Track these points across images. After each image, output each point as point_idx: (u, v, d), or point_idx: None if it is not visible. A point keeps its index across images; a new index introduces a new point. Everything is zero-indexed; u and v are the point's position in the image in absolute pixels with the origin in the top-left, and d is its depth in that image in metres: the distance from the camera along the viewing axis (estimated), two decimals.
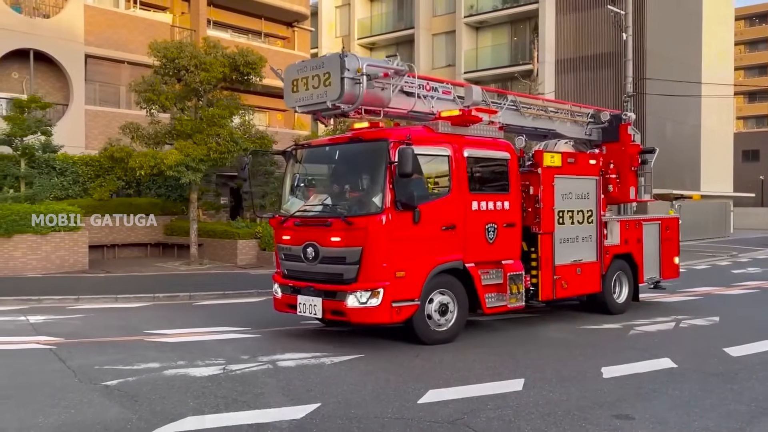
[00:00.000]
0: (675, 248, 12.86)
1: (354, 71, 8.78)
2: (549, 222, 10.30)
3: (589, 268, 11.00)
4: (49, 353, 8.59)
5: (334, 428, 5.64)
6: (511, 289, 9.64)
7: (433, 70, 42.89)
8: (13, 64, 24.46)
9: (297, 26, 36.59)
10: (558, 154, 10.67)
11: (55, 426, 5.67)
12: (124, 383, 7.08)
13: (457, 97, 10.32)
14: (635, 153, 12.29)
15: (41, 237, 17.31)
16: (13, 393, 6.79)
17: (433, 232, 8.85)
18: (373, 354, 8.49)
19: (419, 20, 44.23)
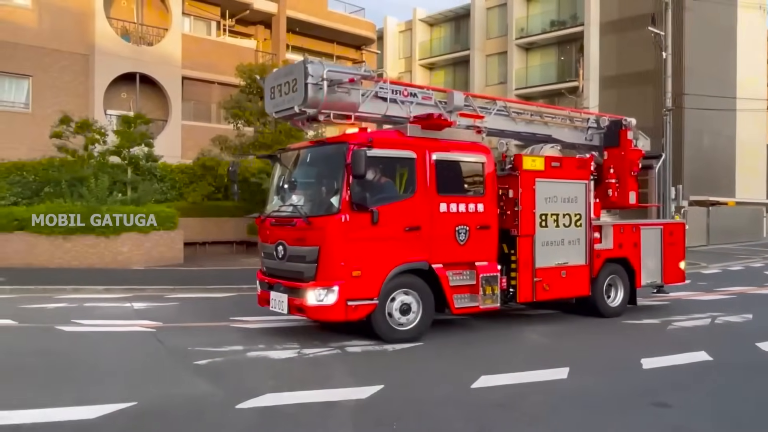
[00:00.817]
0: (680, 253, 11.62)
1: (318, 77, 8.26)
2: (528, 225, 9.46)
3: (577, 272, 10.02)
4: (150, 335, 8.83)
5: (395, 408, 5.61)
6: (484, 290, 8.84)
7: (487, 87, 42.53)
8: (123, 86, 25.41)
9: (365, 49, 36.85)
10: (540, 158, 9.80)
11: (153, 399, 5.81)
12: (212, 363, 7.21)
13: (439, 102, 9.59)
14: (635, 158, 11.27)
15: (144, 235, 17.86)
16: (119, 369, 7.01)
17: (395, 233, 8.21)
18: (430, 343, 8.41)
19: (474, 42, 43.91)
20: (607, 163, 11.23)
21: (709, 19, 35.92)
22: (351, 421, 5.28)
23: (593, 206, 10.31)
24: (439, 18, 47.86)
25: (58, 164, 19.01)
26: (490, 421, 5.34)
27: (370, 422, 5.26)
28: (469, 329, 9.47)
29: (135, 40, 26.00)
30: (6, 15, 22.45)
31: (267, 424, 5.25)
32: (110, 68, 24.58)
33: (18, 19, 22.77)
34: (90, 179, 18.14)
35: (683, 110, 31.49)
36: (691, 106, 31.76)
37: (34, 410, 5.36)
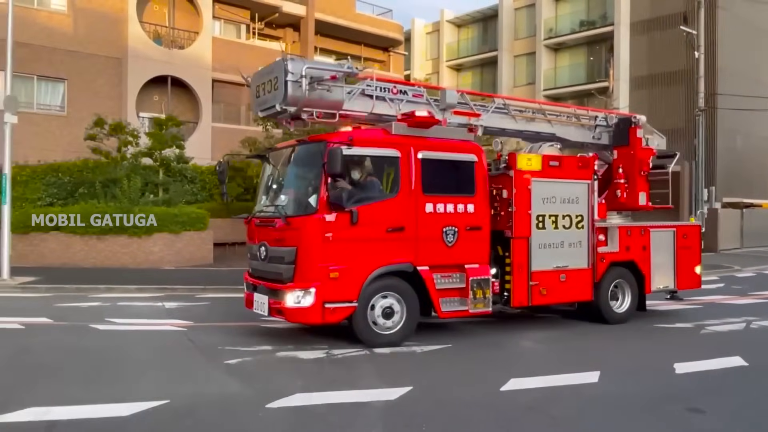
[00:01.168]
0: (695, 257, 10.81)
1: (298, 74, 8.02)
2: (524, 226, 8.94)
3: (578, 275, 9.43)
4: (181, 335, 8.95)
5: (424, 410, 5.59)
6: (474, 293, 8.40)
7: (515, 88, 42.24)
8: (155, 89, 25.79)
9: (392, 51, 36.86)
10: (537, 157, 9.23)
11: (185, 397, 5.89)
12: (242, 362, 7.28)
13: (431, 100, 9.22)
14: (645, 157, 10.57)
15: (175, 235, 18.12)
16: (151, 368, 7.12)
17: (376, 234, 7.86)
18: (459, 345, 8.39)
19: (502, 43, 43.63)
20: (616, 162, 10.72)
21: (743, 18, 35.21)
22: (381, 422, 5.27)
23: (597, 207, 9.79)
24: (466, 19, 47.64)
25: (92, 166, 19.39)
26: (520, 425, 5.30)
27: (399, 424, 5.25)
28: (497, 331, 9.41)
29: (167, 43, 26.39)
30: (43, 20, 22.96)
31: (297, 424, 5.28)
32: (143, 71, 24.98)
33: (54, 24, 23.28)
34: (123, 180, 18.47)
35: (716, 110, 30.88)
36: (724, 107, 31.13)
37: (70, 407, 5.48)
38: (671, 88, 35.04)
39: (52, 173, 19.23)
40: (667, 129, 34.22)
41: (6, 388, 6.15)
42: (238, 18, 29.94)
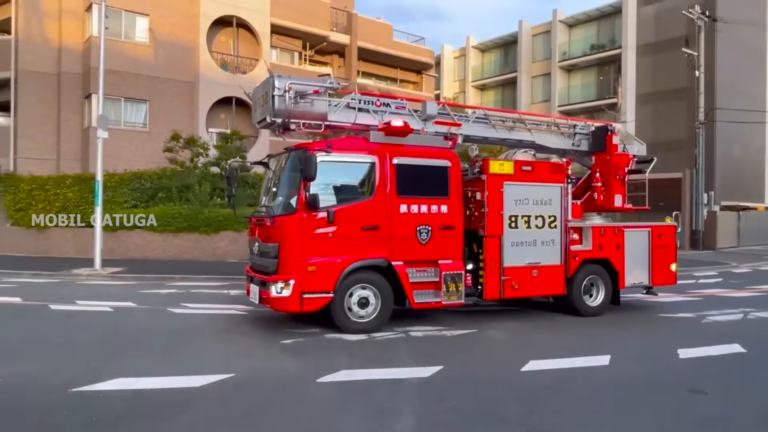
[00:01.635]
0: (671, 256, 10.19)
1: (283, 89, 7.97)
2: (495, 226, 8.66)
3: (550, 271, 9.07)
4: (244, 318, 9.05)
5: (454, 387, 5.55)
6: (447, 287, 8.20)
7: (532, 105, 41.68)
8: (221, 108, 26.22)
9: (424, 73, 36.73)
10: (509, 162, 8.93)
11: (247, 371, 5.94)
12: (296, 342, 7.34)
13: (413, 111, 8.94)
14: (621, 162, 10.07)
15: (238, 233, 18.33)
16: (219, 346, 7.22)
17: (352, 232, 7.75)
18: (483, 330, 8.30)
19: (521, 65, 43.12)
20: (594, 167, 10.32)
21: (738, 40, 34.00)
22: (416, 396, 5.24)
23: (571, 208, 9.37)
24: (489, 45, 47.22)
25: (169, 174, 19.77)
26: (539, 402, 5.20)
27: (432, 398, 5.21)
28: (516, 319, 9.27)
29: (231, 69, 26.79)
30: (129, 50, 23.56)
31: (343, 396, 5.28)
32: (211, 93, 25.43)
33: (138, 53, 23.87)
34: (195, 186, 18.81)
35: (715, 123, 29.90)
36: (722, 119, 30.14)
37: (151, 378, 5.60)
38: (674, 103, 34.07)
39: (136, 180, 19.66)
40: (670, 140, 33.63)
41: (100, 360, 6.32)
42: (291, 47, 30.25)
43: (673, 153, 32.85)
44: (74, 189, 18.98)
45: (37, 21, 23.30)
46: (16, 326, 8.19)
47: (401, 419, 4.66)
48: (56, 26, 23.53)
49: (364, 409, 4.90)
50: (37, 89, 23.14)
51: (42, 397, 5.10)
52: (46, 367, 6.05)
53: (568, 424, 4.67)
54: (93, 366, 6.07)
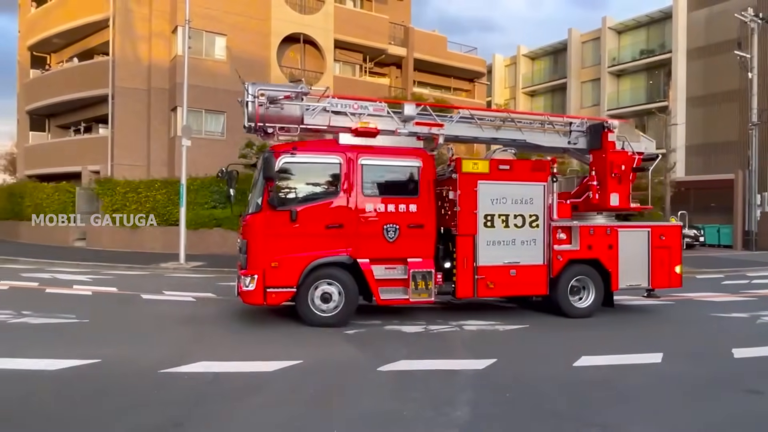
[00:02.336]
0: (675, 257, 9.02)
1: (254, 95, 7.82)
2: (468, 225, 8.10)
3: (531, 271, 8.35)
4: None
5: (507, 379, 5.42)
6: (416, 284, 7.77)
7: (582, 109, 40.36)
8: None
9: (476, 81, 36.28)
10: (484, 161, 8.34)
11: (314, 359, 5.99)
12: (358, 333, 7.36)
13: (392, 112, 8.40)
14: (616, 160, 9.04)
15: None
16: (289, 334, 7.34)
17: (315, 230, 7.52)
18: (535, 326, 8.08)
19: (571, 71, 41.83)
20: (591, 165, 9.39)
21: None
22: (471, 387, 5.15)
23: (558, 208, 8.58)
24: (539, 52, 46.08)
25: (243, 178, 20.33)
26: (591, 397, 5.00)
27: (486, 389, 5.11)
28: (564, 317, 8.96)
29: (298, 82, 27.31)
30: (209, 67, 24.44)
31: (402, 384, 5.25)
32: None
33: (217, 70, 24.72)
34: None
35: None
36: None
37: (228, 362, 5.76)
38: (725, 105, 32.17)
39: (215, 183, 20.36)
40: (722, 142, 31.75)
41: (183, 345, 6.58)
42: (353, 60, 30.53)
43: (725, 155, 30.98)
44: (162, 192, 19.85)
45: (130, 43, 24.55)
46: (113, 313, 8.63)
47: (457, 408, 4.59)
48: (146, 47, 24.71)
49: (421, 398, 4.86)
50: (131, 103, 24.39)
51: (135, 376, 5.34)
52: (138, 350, 6.34)
53: (620, 419, 4.46)
54: (178, 350, 6.32)
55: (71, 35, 27.26)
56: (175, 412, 4.44)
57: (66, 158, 26.51)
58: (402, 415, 4.49)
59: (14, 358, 5.73)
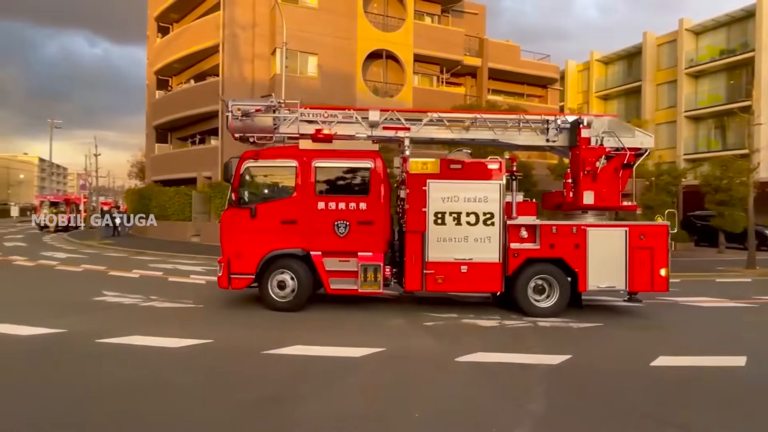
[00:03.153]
0: (660, 259, 7.88)
1: (230, 109, 8.35)
2: (416, 222, 7.91)
3: (484, 268, 7.89)
4: (393, 302, 9.21)
5: (582, 376, 5.17)
6: (365, 276, 7.87)
7: (657, 111, 37.68)
8: None
9: (550, 87, 34.91)
10: (433, 161, 8.02)
11: (396, 347, 6.06)
12: (435, 325, 7.32)
13: (361, 118, 8.51)
14: (589, 156, 8.23)
15: None
16: (372, 324, 7.44)
17: (272, 225, 7.94)
18: (610, 324, 7.63)
19: (646, 74, 39.12)
20: (570, 163, 8.70)
21: None
22: (546, 381, 4.97)
23: (518, 206, 8.06)
24: (612, 57, 43.50)
25: None
26: (669, 397, 4.64)
27: (560, 385, 4.90)
28: (644, 316, 8.40)
29: (381, 94, 27.64)
30: (303, 83, 25.34)
31: (479, 375, 5.17)
32: None
33: (309, 85, 25.58)
34: None
35: None
36: None
37: (321, 347, 5.94)
38: None
39: None
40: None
41: (284, 330, 6.87)
42: (430, 71, 30.42)
43: None
44: None
45: (236, 65, 26.00)
46: (224, 300, 9.16)
47: (533, 401, 4.44)
48: (250, 68, 26.05)
49: (497, 389, 4.76)
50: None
51: (241, 355, 5.65)
52: (244, 333, 6.71)
53: (700, 422, 4.12)
54: (278, 334, 6.60)
55: (188, 60, 29.32)
56: (275, 388, 4.65)
57: (184, 166, 28.57)
58: (480, 403, 4.42)
59: (144, 336, 6.26)
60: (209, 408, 4.20)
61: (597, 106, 43.45)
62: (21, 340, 6.17)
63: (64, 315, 7.51)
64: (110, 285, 10.33)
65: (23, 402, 4.26)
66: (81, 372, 5.06)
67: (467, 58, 30.31)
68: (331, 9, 26.07)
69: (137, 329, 6.59)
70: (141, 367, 5.24)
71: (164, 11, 30.73)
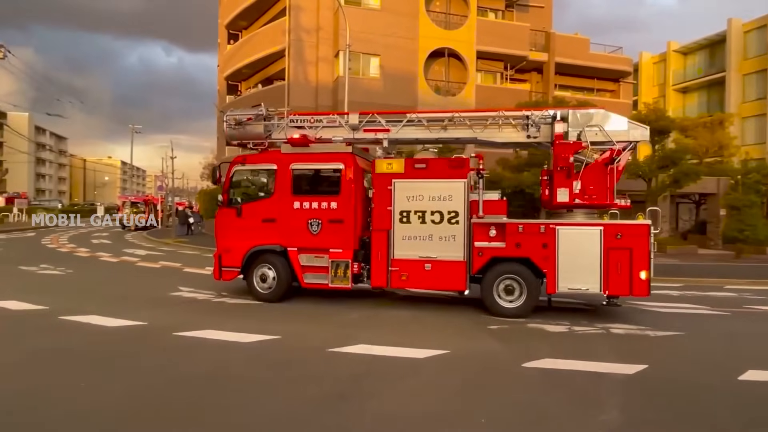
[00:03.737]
0: (639, 261, 7.30)
1: (225, 119, 9.21)
2: (382, 220, 8.17)
3: (448, 267, 7.89)
4: (455, 303, 9.02)
5: (660, 387, 4.86)
6: (336, 272, 8.32)
7: (743, 103, 34.91)
8: None
9: (622, 81, 33.23)
10: (398, 161, 8.22)
11: (460, 349, 6.00)
12: (500, 329, 7.16)
13: (344, 122, 8.83)
14: (561, 152, 7.85)
15: None
16: (437, 325, 7.38)
17: (254, 223, 8.76)
18: (693, 333, 7.14)
19: (730, 64, 36.35)
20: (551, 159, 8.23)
21: None
22: (620, 391, 4.74)
23: (485, 204, 7.90)
24: (692, 47, 40.73)
25: None
26: (759, 414, 4.29)
27: (637, 396, 4.65)
28: (731, 324, 7.80)
29: (443, 93, 27.47)
30: (365, 84, 25.68)
31: (547, 382, 5.03)
32: None
33: (372, 86, 25.88)
34: None
35: None
36: None
37: (384, 347, 5.99)
38: None
39: None
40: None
41: (348, 328, 7.00)
42: (494, 68, 29.86)
43: None
44: None
45: (302, 68, 26.76)
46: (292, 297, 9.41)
47: (606, 411, 4.25)
48: (314, 71, 26.72)
49: (568, 397, 4.59)
50: None
51: (308, 352, 5.81)
52: (311, 330, 6.89)
53: None
54: (344, 332, 6.73)
55: (256, 65, 30.52)
56: (340, 386, 4.74)
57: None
58: (549, 412, 4.28)
59: (216, 330, 6.59)
60: (277, 402, 4.36)
61: (674, 99, 40.92)
62: (108, 330, 6.69)
63: (145, 308, 8.05)
64: (185, 281, 10.94)
65: (109, 388, 4.61)
66: (160, 362, 5.41)
67: (533, 53, 29.47)
68: (393, 9, 26.21)
69: (210, 324, 6.94)
70: (214, 360, 5.52)
71: (234, 19, 32.17)
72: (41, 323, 7.06)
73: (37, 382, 4.75)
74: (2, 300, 8.37)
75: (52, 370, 5.12)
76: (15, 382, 4.79)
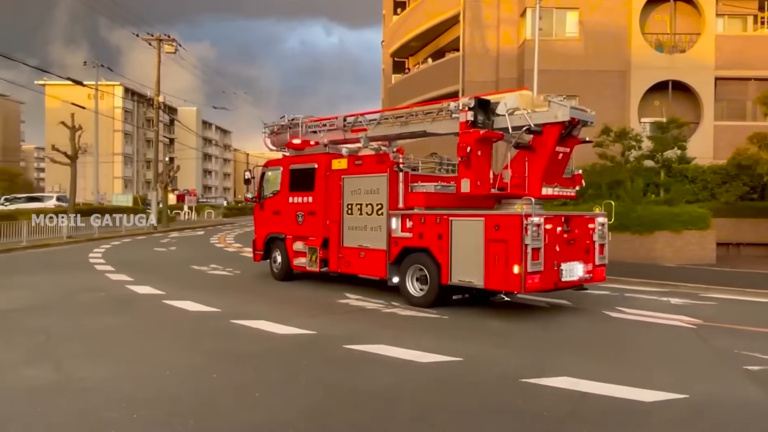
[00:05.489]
0: (512, 254, 8.02)
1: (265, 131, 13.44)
2: (334, 212, 11.01)
3: (374, 255, 10.23)
4: (691, 332, 8.29)
5: None
6: (311, 257, 11.48)
7: None
8: (655, 94, 24.92)
9: None
10: (345, 159, 10.87)
11: (702, 395, 5.42)
12: (763, 370, 6.31)
13: (343, 125, 11.61)
14: (461, 142, 8.95)
15: (676, 234, 17.06)
16: (665, 360, 6.82)
17: (269, 215, 12.72)
18: None
19: None
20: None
21: None
22: None
23: (405, 196, 9.74)
24: None
25: (598, 170, 19.87)
26: None
27: None
28: None
29: (667, 50, 25.11)
30: (559, 48, 24.72)
31: None
32: (644, 79, 24.43)
33: (568, 50, 24.82)
34: (626, 182, 18.34)
35: None
36: None
37: (596, 382, 5.69)
38: None
39: None
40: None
41: (545, 353, 6.85)
42: (744, 10, 26.29)
43: None
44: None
45: (479, 34, 26.82)
46: (468, 311, 9.52)
47: None
48: (494, 36, 26.57)
49: None
50: None
51: (496, 380, 5.81)
52: (499, 354, 6.89)
53: None
54: (537, 358, 6.60)
55: (425, 37, 31.45)
56: (539, 426, 4.64)
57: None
58: None
59: (389, 346, 6.97)
60: None
61: None
62: (276, 337, 7.54)
63: (313, 316, 8.91)
64: (352, 287, 11.79)
65: (275, 396, 5.19)
66: (329, 375, 5.93)
67: None
68: None
69: (382, 337, 7.40)
70: (386, 377, 5.87)
71: None
72: (215, 326, 8.27)
73: (211, 386, 5.56)
74: (181, 300, 10.05)
75: (228, 374, 5.94)
76: (195, 383, 5.67)
